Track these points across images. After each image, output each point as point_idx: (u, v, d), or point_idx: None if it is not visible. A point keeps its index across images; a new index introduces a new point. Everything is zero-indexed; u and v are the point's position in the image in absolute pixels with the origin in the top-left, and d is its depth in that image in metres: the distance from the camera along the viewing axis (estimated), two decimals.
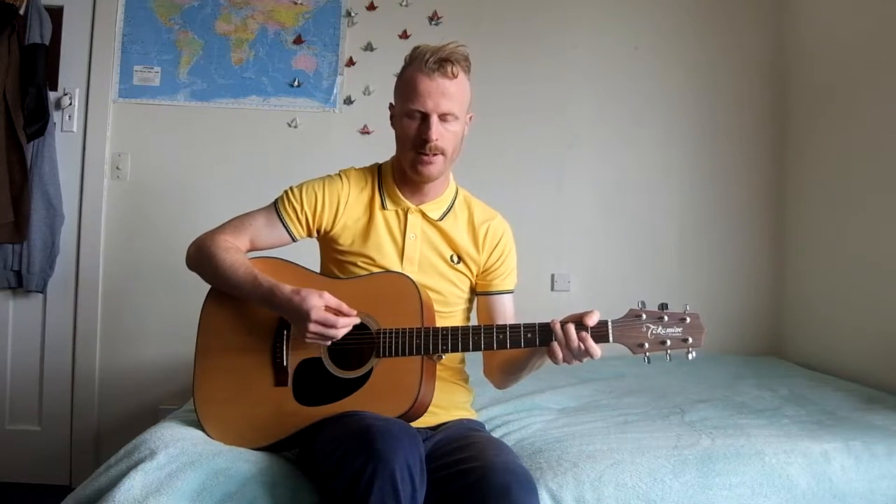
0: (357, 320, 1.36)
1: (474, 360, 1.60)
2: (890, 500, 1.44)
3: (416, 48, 1.48)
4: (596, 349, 1.27)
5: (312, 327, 1.31)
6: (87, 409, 2.71)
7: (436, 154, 1.45)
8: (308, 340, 1.35)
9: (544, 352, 1.37)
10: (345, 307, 1.35)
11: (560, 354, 1.28)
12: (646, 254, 2.84)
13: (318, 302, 1.32)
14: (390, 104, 1.56)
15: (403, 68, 1.50)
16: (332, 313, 1.33)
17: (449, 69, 1.43)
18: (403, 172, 1.52)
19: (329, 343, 1.36)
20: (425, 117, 1.44)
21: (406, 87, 1.46)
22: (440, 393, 1.43)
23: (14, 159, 2.53)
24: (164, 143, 2.75)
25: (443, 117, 1.44)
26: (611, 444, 1.52)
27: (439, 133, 1.44)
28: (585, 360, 1.28)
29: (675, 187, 2.86)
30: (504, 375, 1.56)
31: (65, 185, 2.67)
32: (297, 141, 2.78)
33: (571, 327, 1.27)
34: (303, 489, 1.29)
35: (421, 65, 1.43)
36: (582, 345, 1.26)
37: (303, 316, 1.31)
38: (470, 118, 1.54)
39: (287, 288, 1.36)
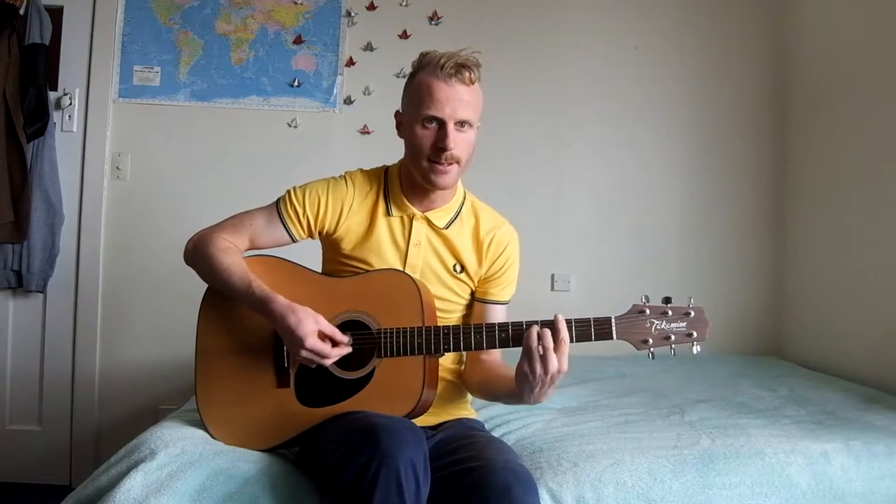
0: (349, 349, 1.34)
1: None
2: (890, 500, 1.44)
3: (424, 54, 1.42)
4: (561, 361, 1.24)
5: (304, 353, 1.30)
6: (87, 409, 2.71)
7: (451, 164, 1.40)
8: (297, 361, 1.34)
9: (520, 398, 1.33)
10: (338, 335, 1.33)
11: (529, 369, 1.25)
12: (646, 254, 2.83)
13: (313, 328, 1.30)
14: (397, 112, 1.50)
15: (413, 74, 1.44)
16: (325, 339, 1.31)
17: (467, 75, 1.38)
18: (412, 179, 1.47)
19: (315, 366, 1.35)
20: (442, 124, 1.38)
21: (419, 93, 1.39)
22: (440, 392, 1.43)
23: (14, 159, 2.53)
24: (164, 143, 2.75)
25: (459, 125, 1.40)
26: (611, 444, 1.52)
27: (455, 141, 1.39)
28: (556, 377, 1.25)
29: (675, 187, 2.86)
30: (478, 391, 1.53)
31: (65, 185, 2.66)
32: (297, 141, 2.77)
33: (536, 329, 1.26)
34: (303, 489, 1.29)
35: (436, 70, 1.37)
36: (547, 352, 1.23)
37: (296, 341, 1.29)
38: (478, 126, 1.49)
39: (281, 302, 1.32)
